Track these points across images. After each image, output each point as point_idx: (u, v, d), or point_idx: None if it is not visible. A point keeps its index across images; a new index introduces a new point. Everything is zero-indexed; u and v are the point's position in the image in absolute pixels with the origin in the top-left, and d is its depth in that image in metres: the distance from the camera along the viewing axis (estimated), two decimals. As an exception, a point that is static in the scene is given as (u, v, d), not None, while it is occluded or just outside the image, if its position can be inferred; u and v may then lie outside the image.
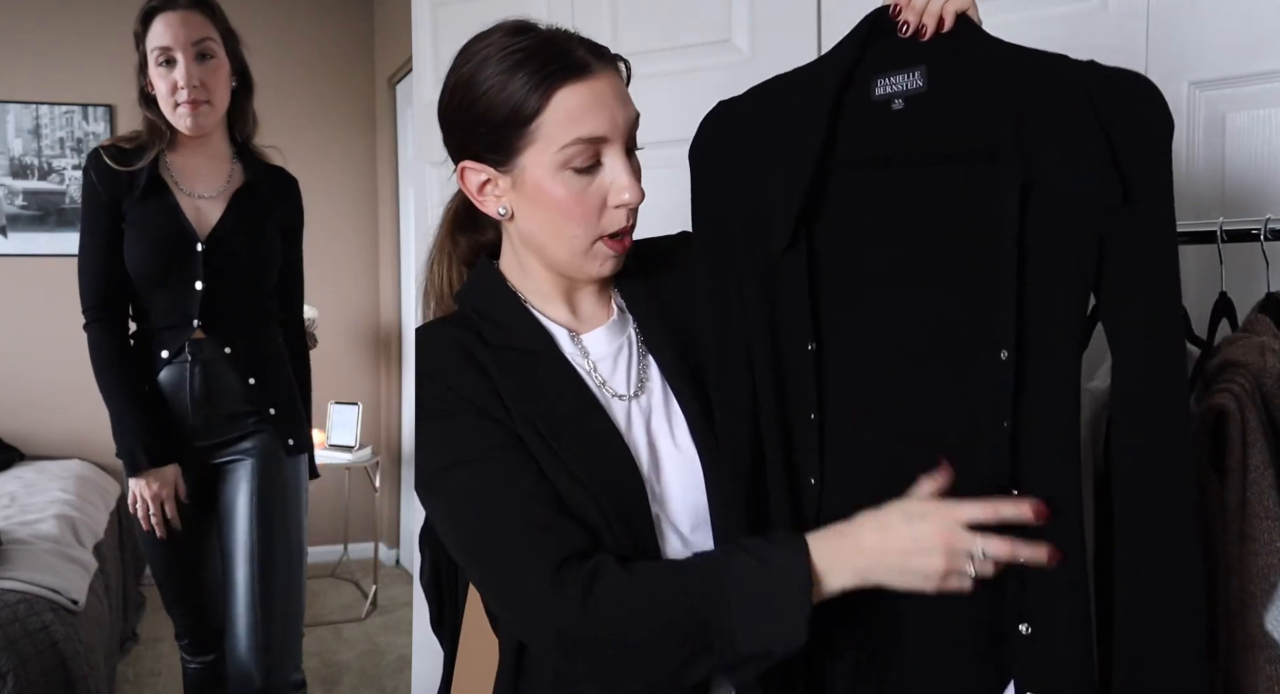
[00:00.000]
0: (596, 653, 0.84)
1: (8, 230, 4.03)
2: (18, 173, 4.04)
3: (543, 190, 0.92)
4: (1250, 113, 1.24)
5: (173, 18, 1.79)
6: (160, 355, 1.85)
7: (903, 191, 0.92)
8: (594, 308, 1.03)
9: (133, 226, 1.82)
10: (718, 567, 0.84)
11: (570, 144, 0.89)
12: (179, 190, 1.86)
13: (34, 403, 4.02)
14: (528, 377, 0.94)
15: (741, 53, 1.66)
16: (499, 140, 0.92)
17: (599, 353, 1.00)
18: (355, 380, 4.36)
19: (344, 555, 4.21)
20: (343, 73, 4.39)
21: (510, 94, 0.89)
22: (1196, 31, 1.27)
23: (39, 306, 4.03)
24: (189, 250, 1.83)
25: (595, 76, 0.90)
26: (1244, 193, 1.25)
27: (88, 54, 4.05)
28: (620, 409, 0.97)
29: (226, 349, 1.87)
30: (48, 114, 4.06)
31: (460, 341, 0.95)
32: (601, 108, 0.90)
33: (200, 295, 1.84)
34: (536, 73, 0.89)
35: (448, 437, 0.92)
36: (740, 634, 0.81)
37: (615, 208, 0.93)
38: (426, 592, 1.47)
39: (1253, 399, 0.91)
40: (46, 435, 4.02)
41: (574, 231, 0.93)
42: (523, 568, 0.85)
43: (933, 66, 0.91)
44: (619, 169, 0.92)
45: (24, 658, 2.04)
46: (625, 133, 0.92)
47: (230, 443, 1.90)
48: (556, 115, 0.89)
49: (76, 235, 1.87)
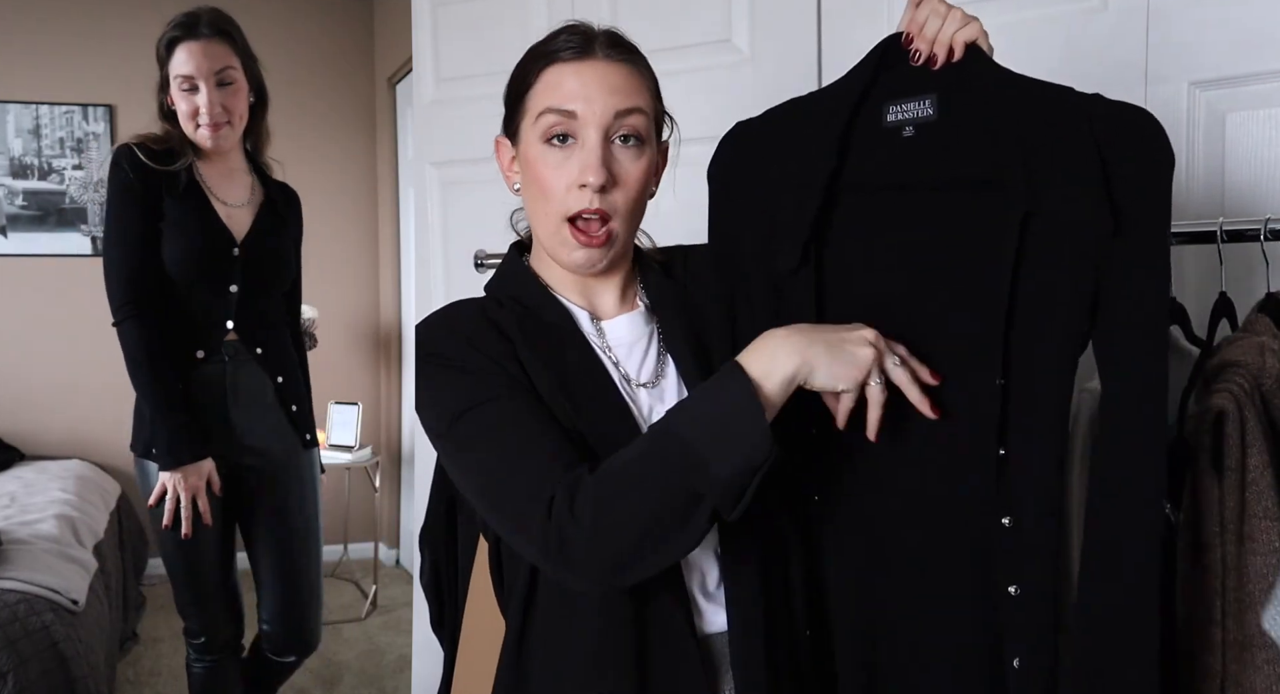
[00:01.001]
0: (605, 557, 0.84)
1: (8, 230, 4.03)
2: (18, 173, 4.04)
3: (527, 161, 0.98)
4: (1250, 113, 1.24)
5: (195, 48, 1.86)
6: (196, 354, 1.89)
7: (909, 217, 0.94)
8: (615, 303, 1.04)
9: (174, 226, 1.85)
10: (665, 422, 0.86)
11: (543, 112, 0.95)
12: (213, 197, 1.92)
13: (34, 403, 4.02)
14: (547, 344, 0.97)
15: (741, 53, 1.66)
16: (510, 112, 1.01)
17: (617, 338, 1.02)
18: (355, 380, 4.36)
19: (344, 555, 4.21)
20: (343, 73, 4.39)
21: (521, 70, 1.00)
22: (1196, 31, 1.27)
23: (39, 307, 4.03)
24: (227, 254, 1.90)
25: (589, 61, 0.95)
26: (1244, 193, 1.25)
27: (88, 54, 4.05)
28: (632, 392, 0.99)
29: (258, 350, 1.96)
30: (48, 114, 4.05)
31: (483, 308, 0.99)
32: (580, 88, 0.94)
33: (235, 298, 1.92)
34: (541, 53, 0.98)
35: (462, 385, 0.93)
36: (715, 464, 0.81)
37: (580, 188, 0.94)
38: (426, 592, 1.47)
39: (1252, 399, 0.91)
40: (46, 435, 4.02)
41: (547, 208, 0.96)
42: (527, 498, 0.86)
43: (943, 95, 0.93)
44: (588, 149, 0.94)
45: (24, 658, 2.04)
46: (603, 118, 0.94)
47: (260, 439, 1.97)
48: (544, 87, 0.96)
49: (76, 235, 1.96)
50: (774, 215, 0.96)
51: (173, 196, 1.85)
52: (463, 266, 1.87)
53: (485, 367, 0.93)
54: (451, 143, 2.06)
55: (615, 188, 0.95)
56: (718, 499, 0.82)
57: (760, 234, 0.99)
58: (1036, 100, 0.89)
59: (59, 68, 4.03)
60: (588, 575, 0.86)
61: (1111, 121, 0.87)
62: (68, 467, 3.72)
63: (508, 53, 1.97)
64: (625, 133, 0.95)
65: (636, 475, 0.84)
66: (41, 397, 4.03)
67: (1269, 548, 0.88)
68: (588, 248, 0.96)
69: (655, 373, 1.01)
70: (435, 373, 0.96)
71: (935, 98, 0.92)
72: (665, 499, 0.83)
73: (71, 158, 4.08)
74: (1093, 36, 1.35)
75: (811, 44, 1.60)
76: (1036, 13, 1.40)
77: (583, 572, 0.85)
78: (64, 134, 4.08)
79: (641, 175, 0.97)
